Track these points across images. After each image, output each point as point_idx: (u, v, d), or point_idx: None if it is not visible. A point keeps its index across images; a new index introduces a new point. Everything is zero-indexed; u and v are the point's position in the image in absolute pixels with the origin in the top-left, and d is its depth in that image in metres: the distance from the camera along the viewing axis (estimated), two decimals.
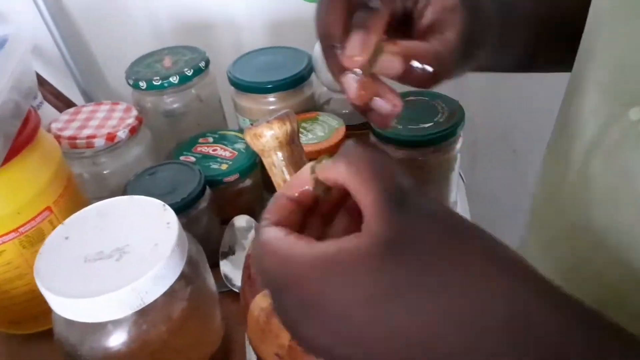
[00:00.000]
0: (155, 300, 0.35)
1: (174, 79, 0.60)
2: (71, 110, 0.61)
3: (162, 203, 0.38)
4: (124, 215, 0.38)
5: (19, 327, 0.47)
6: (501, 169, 1.03)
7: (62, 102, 0.77)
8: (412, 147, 0.54)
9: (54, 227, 0.43)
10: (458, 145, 0.57)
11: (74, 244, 0.36)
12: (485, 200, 0.88)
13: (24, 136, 0.42)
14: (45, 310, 0.46)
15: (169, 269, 0.35)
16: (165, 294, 0.35)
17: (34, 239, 0.43)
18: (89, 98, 0.81)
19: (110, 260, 0.35)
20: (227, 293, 0.51)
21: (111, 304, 0.33)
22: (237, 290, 0.50)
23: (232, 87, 0.61)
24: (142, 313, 0.35)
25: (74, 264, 0.35)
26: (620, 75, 0.28)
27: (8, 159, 0.40)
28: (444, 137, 0.54)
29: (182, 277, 0.37)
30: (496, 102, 1.03)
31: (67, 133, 0.56)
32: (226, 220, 0.56)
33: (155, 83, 0.60)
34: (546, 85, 0.61)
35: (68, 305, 0.33)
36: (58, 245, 0.36)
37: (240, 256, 0.53)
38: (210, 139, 0.61)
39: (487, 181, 0.98)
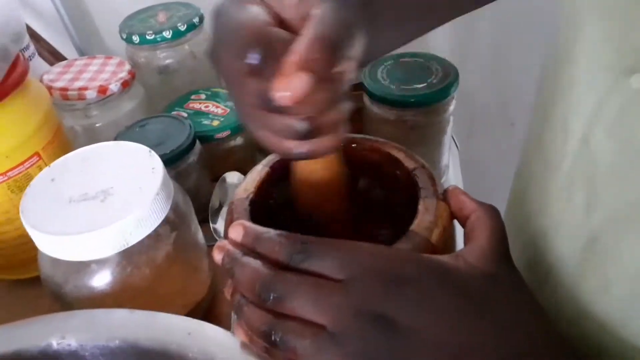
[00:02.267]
0: (140, 242, 0.35)
1: (167, 34, 0.60)
2: (63, 63, 0.60)
3: (148, 149, 0.39)
4: (110, 159, 0.38)
5: (8, 272, 0.48)
6: (498, 141, 1.03)
7: (57, 59, 0.76)
8: (405, 107, 0.54)
9: None
10: (451, 108, 0.56)
11: (59, 186, 0.36)
12: (479, 170, 0.88)
13: (12, 80, 0.42)
14: (34, 256, 0.47)
15: (153, 212, 0.35)
16: (150, 237, 0.36)
17: (23, 185, 0.43)
18: (83, 54, 0.80)
19: (95, 201, 0.35)
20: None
21: (95, 243, 0.33)
22: None
23: None
24: (126, 254, 0.35)
25: (59, 204, 0.35)
26: (617, 44, 0.27)
27: None
28: (436, 98, 0.54)
29: (167, 222, 0.37)
30: (497, 74, 1.02)
31: (58, 84, 0.55)
32: (217, 179, 0.56)
33: (148, 37, 0.60)
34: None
35: (53, 243, 0.34)
36: (44, 187, 0.37)
37: None
38: (203, 96, 0.60)
39: (483, 152, 0.98)
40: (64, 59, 0.77)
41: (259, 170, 0.36)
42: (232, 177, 0.55)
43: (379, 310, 0.24)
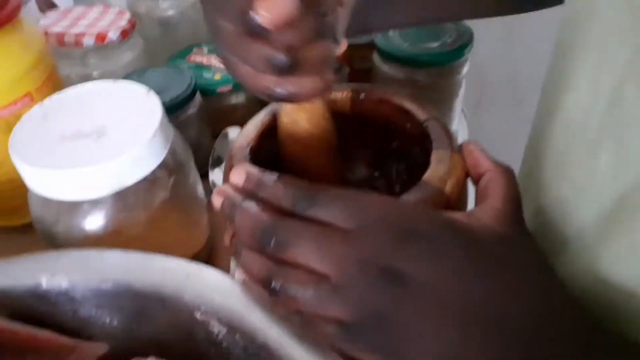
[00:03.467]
0: (135, 185, 0.33)
1: None
2: (61, 10, 0.58)
3: (147, 89, 0.37)
4: (106, 98, 0.36)
5: (2, 218, 0.46)
6: (505, 117, 1.01)
7: (51, 9, 0.73)
8: (416, 66, 0.52)
9: None
10: (464, 70, 0.54)
11: (52, 123, 0.34)
12: (484, 144, 0.86)
13: (3, 15, 0.39)
14: (25, 202, 0.45)
15: (150, 153, 0.33)
16: (146, 180, 0.34)
17: (14, 126, 0.41)
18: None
19: (89, 139, 0.33)
20: None
21: (88, 182, 0.32)
22: None
23: None
24: (121, 196, 0.33)
25: (51, 141, 0.33)
26: None
27: None
28: (450, 58, 0.52)
29: (165, 166, 0.35)
30: (507, 51, 1.00)
31: (55, 29, 0.53)
32: (218, 135, 0.54)
33: None
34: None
35: (43, 180, 0.32)
36: (35, 123, 0.35)
37: None
38: (205, 49, 0.58)
39: (489, 127, 0.96)
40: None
41: (261, 118, 0.34)
42: (234, 132, 0.53)
43: (387, 263, 0.23)
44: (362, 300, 0.22)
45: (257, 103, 0.60)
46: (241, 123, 0.57)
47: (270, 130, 0.34)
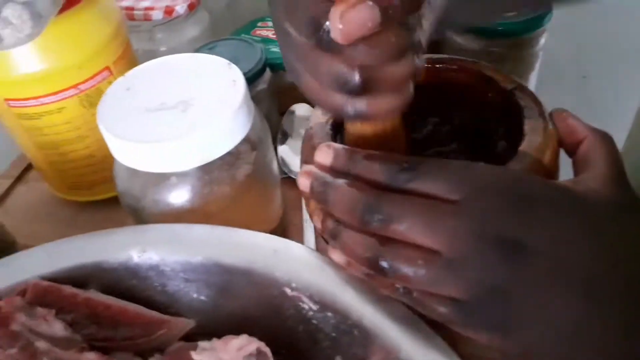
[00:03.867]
0: (221, 158, 0.33)
1: None
2: None
3: (227, 61, 0.36)
4: (187, 70, 0.36)
5: (76, 193, 0.47)
6: (569, 94, 0.96)
7: None
8: (492, 37, 0.49)
9: None
10: (542, 41, 0.51)
11: (136, 95, 0.34)
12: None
13: None
14: (102, 177, 0.46)
15: (236, 126, 0.33)
16: (231, 153, 0.33)
17: (94, 99, 0.42)
18: None
19: (175, 111, 0.33)
20: (284, 180, 0.49)
21: (176, 154, 0.31)
22: (293, 177, 0.48)
23: None
24: (207, 169, 0.33)
25: (137, 113, 0.33)
26: None
27: (66, 7, 0.38)
28: (527, 29, 0.49)
29: (248, 140, 0.35)
30: (570, 26, 0.95)
31: (124, 3, 0.53)
32: (283, 112, 0.53)
33: None
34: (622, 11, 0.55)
35: (131, 152, 0.32)
36: (119, 96, 0.34)
37: (297, 143, 0.51)
38: (270, 23, 0.57)
39: (553, 102, 0.92)
40: None
41: None
42: (301, 109, 0.52)
43: (503, 232, 0.21)
44: (478, 275, 0.21)
45: None
46: (306, 99, 0.56)
47: None
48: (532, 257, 0.21)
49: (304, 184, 0.26)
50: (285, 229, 0.44)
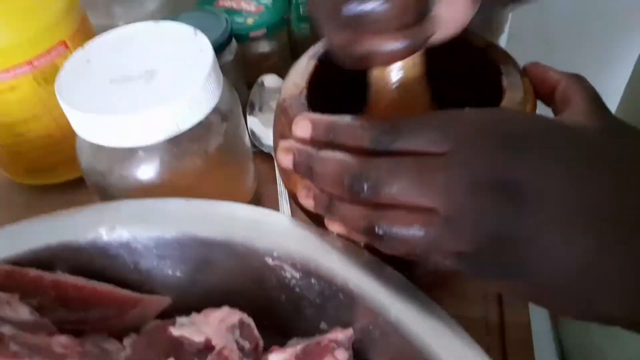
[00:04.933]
0: (191, 130, 0.31)
1: None
2: None
3: (193, 28, 0.34)
4: (151, 39, 0.34)
5: (36, 176, 0.45)
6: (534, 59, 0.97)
7: None
8: None
9: None
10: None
11: (97, 67, 0.32)
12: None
13: None
14: (63, 158, 0.43)
15: (205, 95, 0.31)
16: (201, 124, 0.32)
17: (50, 76, 0.39)
18: None
19: (139, 81, 0.31)
20: (256, 154, 0.47)
21: (143, 127, 0.30)
22: (265, 150, 0.47)
23: None
24: (176, 142, 0.32)
25: (99, 85, 0.31)
26: None
27: None
28: None
29: (218, 111, 0.33)
30: None
31: None
32: (251, 84, 0.52)
33: None
34: None
35: (95, 128, 0.30)
36: (79, 68, 0.32)
37: (267, 116, 0.49)
38: None
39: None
40: None
41: (306, 64, 0.31)
42: (269, 80, 0.51)
43: (498, 176, 0.21)
44: (479, 226, 0.20)
45: (289, 49, 0.57)
46: (274, 70, 0.55)
47: (317, 77, 0.31)
48: (531, 197, 0.20)
49: (285, 160, 0.25)
50: (259, 203, 0.43)
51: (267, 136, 0.48)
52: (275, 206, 0.43)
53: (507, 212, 0.20)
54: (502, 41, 0.54)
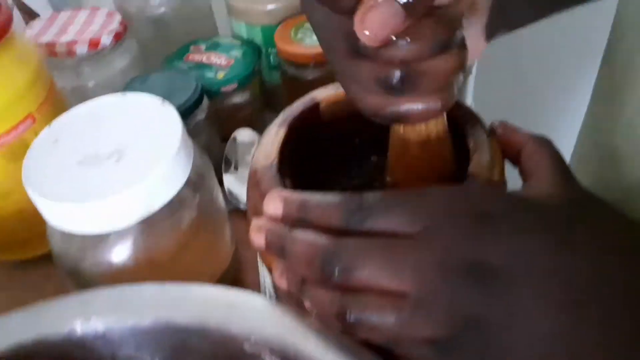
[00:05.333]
0: (163, 207, 0.31)
1: None
2: (45, 16, 0.54)
3: (160, 99, 0.34)
4: (118, 114, 0.34)
5: (8, 253, 0.44)
6: (505, 78, 0.99)
7: (28, 15, 0.69)
8: None
9: None
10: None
11: (65, 147, 0.32)
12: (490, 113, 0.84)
13: None
14: (37, 233, 0.42)
15: (175, 170, 0.31)
16: (173, 200, 0.31)
17: (18, 152, 0.38)
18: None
19: (109, 162, 0.30)
20: (234, 212, 0.47)
21: (114, 211, 0.29)
22: (242, 208, 0.47)
23: None
24: (149, 222, 0.31)
25: (68, 168, 0.30)
26: None
27: None
28: None
29: (190, 184, 0.33)
30: None
31: (44, 39, 0.50)
32: (225, 138, 0.51)
33: None
34: None
35: (65, 214, 0.29)
36: (47, 149, 0.32)
37: (243, 173, 0.49)
38: (203, 47, 0.55)
39: (491, 92, 0.94)
40: (36, 15, 0.70)
41: (275, 132, 0.31)
42: (243, 135, 0.51)
43: (469, 257, 0.20)
44: (451, 310, 0.20)
45: (262, 101, 0.57)
46: (248, 122, 0.55)
47: (289, 143, 0.31)
48: (503, 277, 0.20)
49: (258, 240, 0.25)
50: (238, 267, 0.42)
51: (244, 194, 0.47)
52: (255, 268, 0.42)
53: (478, 293, 0.20)
54: (471, 81, 0.55)
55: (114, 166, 0.30)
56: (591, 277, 0.21)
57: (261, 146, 0.31)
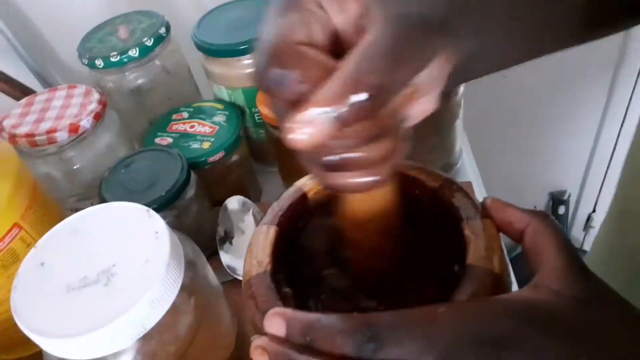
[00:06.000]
0: (158, 322, 0.30)
1: (134, 52, 0.53)
2: (23, 102, 0.54)
3: (146, 208, 0.33)
4: (103, 228, 0.33)
5: (6, 352, 0.43)
6: (492, 96, 0.99)
7: (17, 89, 0.69)
8: None
9: (27, 245, 0.39)
10: (461, 89, 0.52)
11: (51, 271, 0.31)
12: (479, 128, 0.83)
13: None
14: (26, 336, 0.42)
15: (167, 287, 0.30)
16: (168, 313, 0.31)
17: (8, 262, 0.38)
18: (45, 81, 0.73)
19: (98, 286, 0.30)
20: (232, 282, 0.46)
21: (108, 338, 0.29)
22: (240, 278, 0.46)
23: (201, 53, 0.55)
24: (146, 338, 0.30)
25: (57, 295, 0.30)
26: None
27: None
28: None
29: (183, 289, 0.32)
30: None
31: (22, 130, 0.49)
32: (217, 202, 0.51)
33: (113, 60, 0.53)
34: None
35: (59, 346, 0.29)
36: (34, 274, 0.31)
37: (238, 242, 0.48)
38: (185, 114, 0.55)
39: (480, 111, 0.93)
40: (23, 86, 0.69)
41: (265, 233, 0.31)
42: (233, 203, 0.50)
43: None
44: None
45: (250, 160, 0.57)
46: (237, 183, 0.54)
47: (280, 243, 0.31)
48: None
49: None
50: (242, 344, 0.42)
51: (240, 265, 0.47)
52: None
53: None
54: (460, 125, 0.54)
55: (103, 290, 0.30)
56: None
57: (252, 251, 0.30)
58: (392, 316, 0.23)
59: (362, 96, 0.21)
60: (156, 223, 0.33)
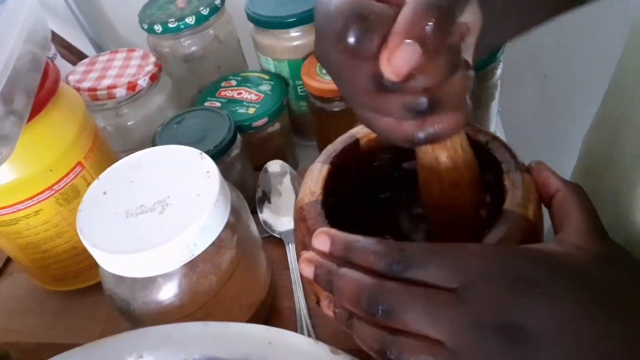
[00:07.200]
0: (204, 251, 0.34)
1: (190, 20, 0.57)
2: (86, 60, 0.58)
3: (199, 151, 0.37)
4: (159, 166, 0.36)
5: (63, 284, 0.47)
6: (531, 94, 0.99)
7: (74, 55, 0.74)
8: None
9: (87, 183, 0.42)
10: (498, 72, 0.53)
11: (112, 199, 0.35)
12: (516, 125, 0.84)
13: (46, 90, 0.40)
14: (87, 266, 0.46)
15: (215, 219, 0.34)
16: (213, 244, 0.34)
17: (70, 196, 0.42)
18: (99, 48, 0.78)
19: (153, 213, 0.33)
20: (268, 238, 0.50)
21: (160, 258, 0.32)
22: (277, 236, 0.49)
23: (251, 24, 0.58)
24: (192, 265, 0.34)
25: (117, 219, 0.33)
26: None
27: (33, 115, 0.38)
28: (482, 64, 0.51)
29: (228, 226, 0.36)
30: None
31: (86, 85, 0.53)
32: (257, 167, 0.54)
33: (170, 25, 0.57)
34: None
35: (116, 262, 0.32)
36: (97, 202, 0.35)
37: (276, 202, 0.51)
38: (234, 82, 0.58)
39: (517, 106, 0.94)
40: (81, 53, 0.74)
41: (319, 169, 0.34)
42: (274, 166, 0.53)
43: (504, 318, 0.22)
44: None
45: (291, 130, 0.60)
46: (278, 150, 0.57)
47: (332, 179, 0.34)
48: (533, 341, 0.22)
49: (307, 271, 0.27)
50: (274, 294, 0.45)
51: (278, 223, 0.50)
52: (290, 294, 0.45)
53: (511, 354, 0.22)
54: (494, 107, 0.56)
55: (158, 217, 0.33)
56: (622, 346, 0.22)
57: (306, 183, 0.34)
58: (423, 245, 0.25)
59: (433, 20, 0.23)
60: (208, 164, 0.36)
